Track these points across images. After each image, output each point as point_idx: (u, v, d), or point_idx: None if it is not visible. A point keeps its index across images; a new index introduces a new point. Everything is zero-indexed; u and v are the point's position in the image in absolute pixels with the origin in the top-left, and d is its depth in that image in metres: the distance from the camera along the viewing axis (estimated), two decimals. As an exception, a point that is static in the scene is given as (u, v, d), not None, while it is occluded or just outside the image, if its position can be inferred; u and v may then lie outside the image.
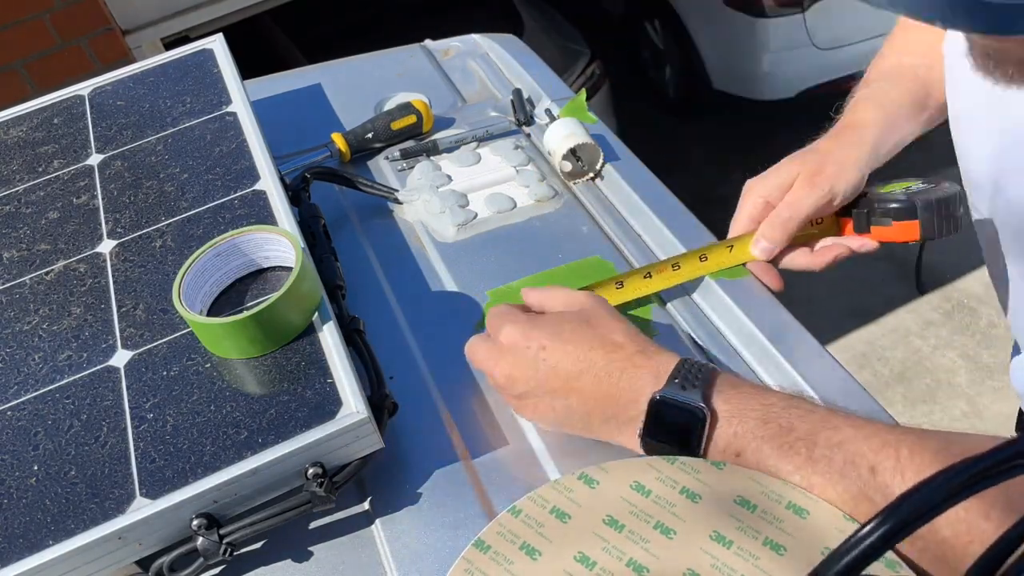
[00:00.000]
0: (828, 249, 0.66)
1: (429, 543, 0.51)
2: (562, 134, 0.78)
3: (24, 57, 1.98)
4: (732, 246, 0.65)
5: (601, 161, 0.78)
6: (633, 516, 0.45)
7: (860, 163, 0.64)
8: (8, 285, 0.63)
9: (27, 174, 0.74)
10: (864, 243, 0.65)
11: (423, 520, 0.52)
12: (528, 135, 0.85)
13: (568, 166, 0.78)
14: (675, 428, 0.47)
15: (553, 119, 0.82)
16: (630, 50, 3.56)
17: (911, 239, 0.60)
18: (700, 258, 0.64)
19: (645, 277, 0.63)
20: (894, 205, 0.62)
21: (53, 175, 0.73)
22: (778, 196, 0.65)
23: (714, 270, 0.64)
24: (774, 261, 0.66)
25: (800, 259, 0.67)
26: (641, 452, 0.49)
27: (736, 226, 0.67)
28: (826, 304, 2.44)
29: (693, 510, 0.45)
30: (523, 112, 0.86)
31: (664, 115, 3.44)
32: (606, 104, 2.65)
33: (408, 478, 0.54)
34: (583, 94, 0.86)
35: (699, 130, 3.32)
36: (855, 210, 0.65)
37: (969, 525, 0.38)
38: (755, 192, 0.66)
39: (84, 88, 0.82)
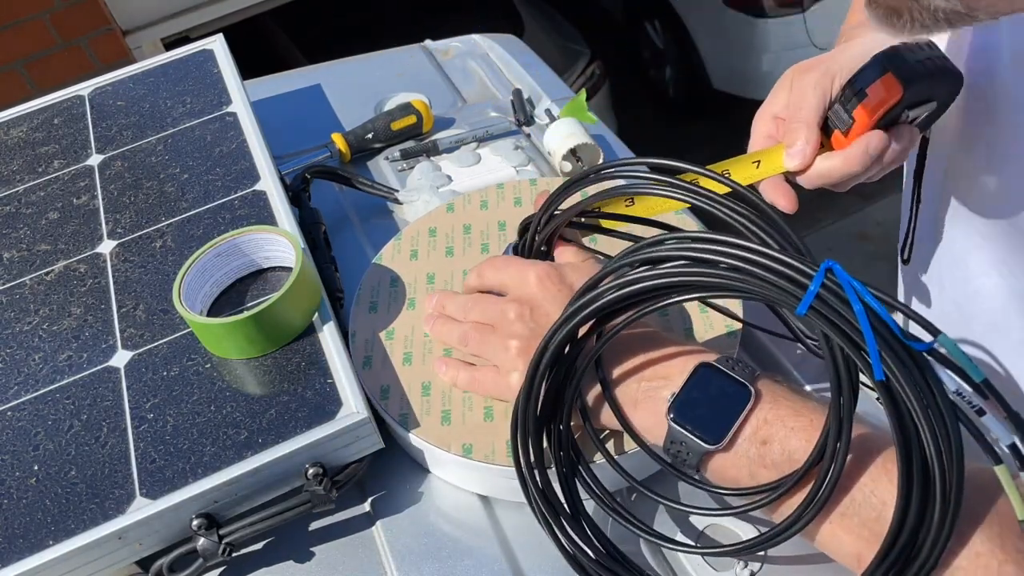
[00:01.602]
0: (854, 143, 0.56)
1: (429, 543, 0.51)
2: (562, 134, 0.78)
3: (24, 57, 1.98)
4: (759, 161, 0.57)
5: (601, 159, 0.78)
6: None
7: (849, 49, 0.59)
8: (8, 285, 0.63)
9: (27, 174, 0.74)
10: (866, 143, 0.55)
11: (423, 520, 0.52)
12: (528, 135, 0.85)
13: (568, 166, 0.78)
14: (719, 398, 0.43)
15: (553, 119, 0.82)
16: (630, 50, 3.56)
17: (894, 98, 0.52)
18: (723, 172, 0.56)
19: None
20: (857, 76, 0.54)
21: (53, 175, 0.73)
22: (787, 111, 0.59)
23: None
24: (805, 181, 0.58)
25: (833, 163, 0.57)
26: (652, 433, 0.46)
27: (754, 148, 0.60)
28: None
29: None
30: (523, 112, 0.86)
31: (664, 115, 3.44)
32: (606, 104, 2.65)
33: (408, 478, 0.54)
34: (583, 94, 0.86)
35: (699, 130, 3.32)
36: (829, 112, 0.56)
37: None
38: (765, 113, 0.61)
39: (84, 88, 0.82)
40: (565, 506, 0.45)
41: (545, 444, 0.46)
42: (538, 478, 0.45)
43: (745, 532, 0.48)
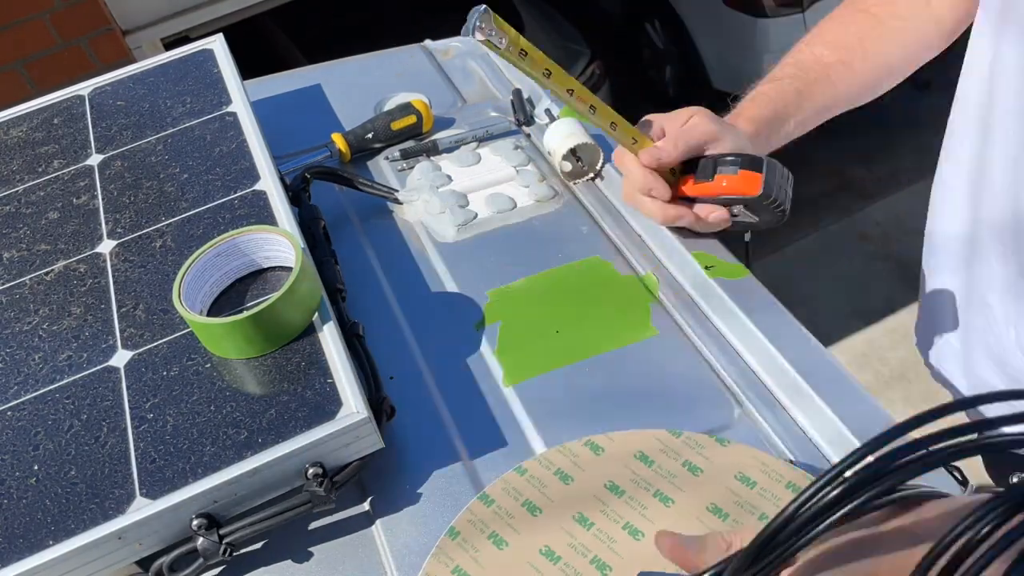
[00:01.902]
0: (674, 206, 0.67)
1: (429, 543, 0.50)
2: (562, 134, 0.78)
3: (24, 57, 1.98)
4: (636, 139, 0.66)
5: (601, 161, 0.78)
6: (633, 483, 0.46)
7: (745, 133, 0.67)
8: (8, 285, 0.63)
9: (27, 174, 0.74)
10: (710, 211, 0.66)
11: (423, 520, 0.52)
12: (528, 135, 0.85)
13: (568, 166, 0.78)
14: None
15: (553, 119, 0.82)
16: (630, 50, 3.56)
17: (751, 192, 0.62)
18: (611, 125, 0.65)
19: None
20: (743, 156, 0.64)
21: (53, 175, 0.73)
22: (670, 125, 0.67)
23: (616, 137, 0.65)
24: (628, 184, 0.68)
25: (652, 208, 0.67)
26: None
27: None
28: (826, 304, 2.44)
29: (693, 482, 0.45)
30: (523, 112, 0.86)
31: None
32: (606, 104, 2.65)
33: (408, 478, 0.54)
34: (583, 94, 0.86)
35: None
36: (702, 159, 0.65)
37: None
38: (666, 119, 0.67)
39: (84, 88, 0.82)
40: None
41: None
42: None
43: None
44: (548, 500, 0.46)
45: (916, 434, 0.31)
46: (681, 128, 0.65)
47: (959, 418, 0.33)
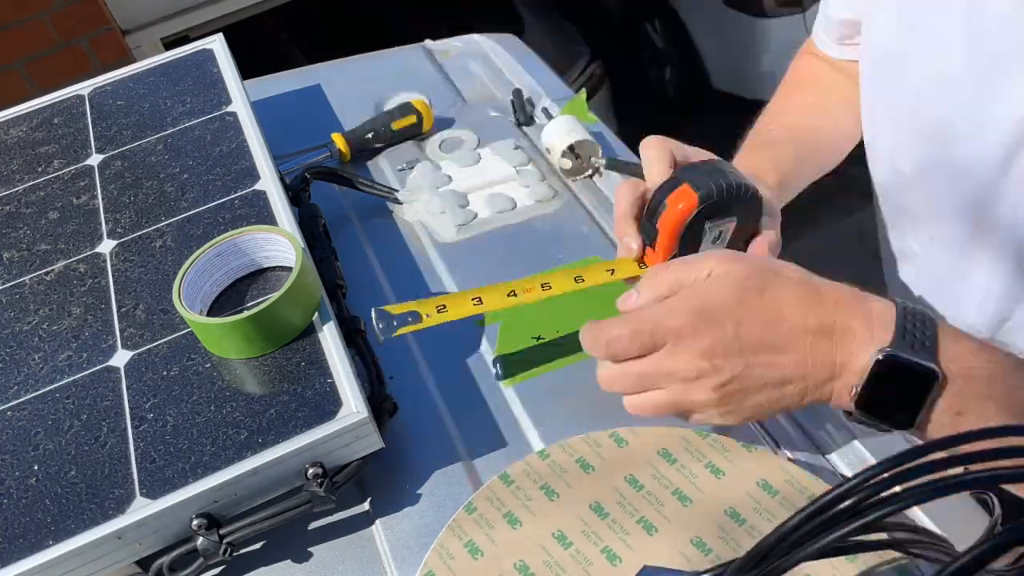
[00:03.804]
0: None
1: (429, 543, 0.50)
2: (561, 131, 0.78)
3: (24, 57, 1.98)
4: (613, 269, 0.57)
5: (600, 155, 0.78)
6: (653, 479, 0.46)
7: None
8: (8, 285, 0.63)
9: (27, 174, 0.74)
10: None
11: (423, 520, 0.52)
12: (527, 135, 0.85)
13: (567, 163, 0.78)
14: (905, 390, 0.42)
15: (551, 118, 0.82)
16: (630, 50, 3.56)
17: (691, 205, 0.54)
18: (575, 278, 0.56)
19: (508, 295, 0.55)
20: (660, 188, 0.56)
21: (53, 175, 0.73)
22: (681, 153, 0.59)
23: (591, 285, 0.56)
24: None
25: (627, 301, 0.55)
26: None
27: (652, 174, 0.58)
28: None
29: (713, 484, 0.45)
30: (523, 112, 0.86)
31: (664, 115, 3.44)
32: (606, 104, 2.65)
33: (408, 478, 0.54)
34: (583, 94, 0.86)
35: (699, 130, 3.31)
36: (643, 222, 0.58)
37: None
38: (662, 144, 0.59)
39: (84, 88, 0.82)
40: None
41: None
42: None
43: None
44: (567, 486, 0.46)
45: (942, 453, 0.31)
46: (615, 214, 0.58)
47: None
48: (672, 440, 0.48)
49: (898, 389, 0.42)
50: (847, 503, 0.31)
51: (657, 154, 0.57)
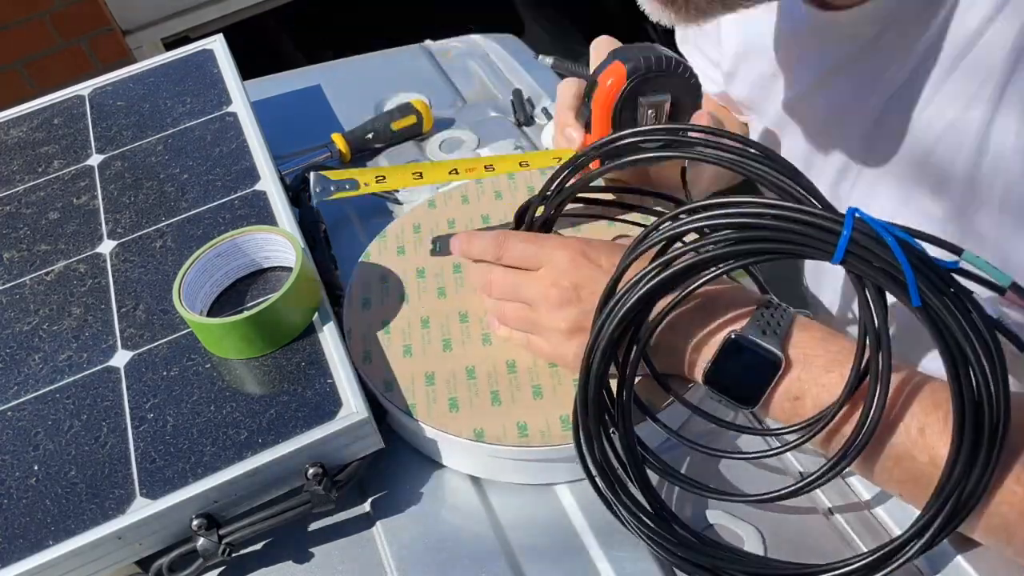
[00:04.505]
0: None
1: (429, 543, 0.51)
2: (562, 134, 0.77)
3: (24, 57, 1.98)
4: (559, 158, 0.58)
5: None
6: None
7: None
8: (8, 285, 0.63)
9: (27, 174, 0.74)
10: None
11: (423, 520, 0.52)
12: (527, 135, 0.85)
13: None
14: (748, 369, 0.46)
15: (551, 118, 0.82)
16: (630, 50, 3.55)
17: (620, 79, 0.54)
18: (520, 163, 0.60)
19: (450, 172, 0.60)
20: (596, 68, 0.57)
21: (53, 175, 0.73)
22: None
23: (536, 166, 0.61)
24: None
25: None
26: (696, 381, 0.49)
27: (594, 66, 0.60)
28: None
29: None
30: (523, 112, 0.86)
31: (664, 115, 3.44)
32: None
33: (408, 478, 0.54)
34: (583, 94, 0.86)
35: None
36: (579, 108, 0.59)
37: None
38: (608, 40, 0.61)
39: (84, 88, 0.82)
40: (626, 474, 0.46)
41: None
42: (601, 449, 0.45)
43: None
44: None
45: None
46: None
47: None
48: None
49: (743, 368, 0.46)
50: None
51: (600, 45, 0.60)
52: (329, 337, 0.54)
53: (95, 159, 0.73)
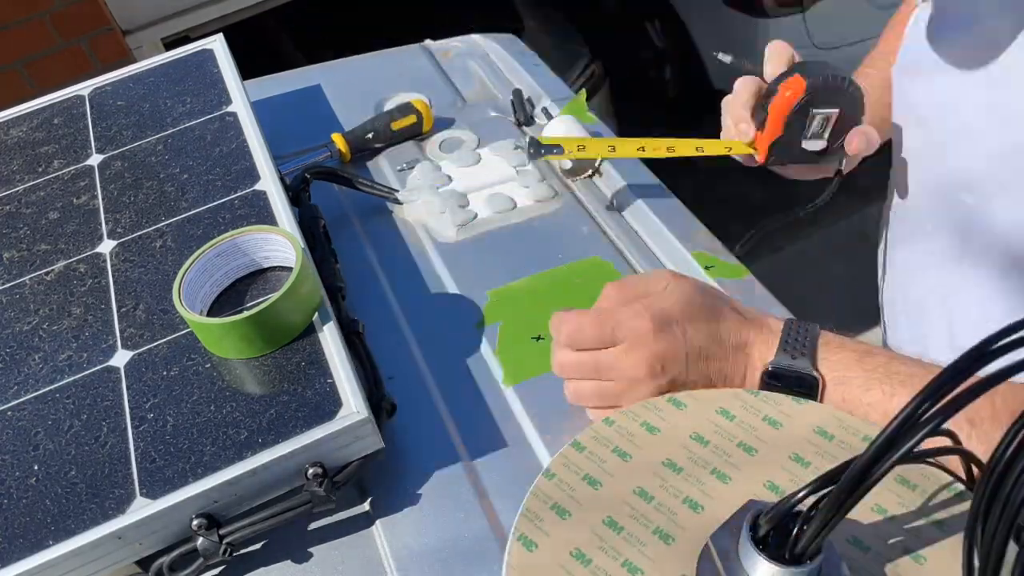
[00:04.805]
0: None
1: (429, 543, 0.51)
2: (560, 131, 0.78)
3: (24, 57, 1.98)
4: (730, 147, 0.69)
5: (599, 158, 0.78)
6: (717, 435, 0.48)
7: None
8: (8, 285, 0.63)
9: (27, 174, 0.74)
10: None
11: (423, 520, 0.52)
12: (527, 135, 0.85)
13: (567, 163, 0.78)
14: (794, 392, 0.49)
15: (551, 118, 0.82)
16: (630, 50, 3.56)
17: (799, 90, 0.63)
18: (696, 148, 0.70)
19: (639, 149, 0.70)
20: (777, 77, 0.65)
21: (53, 175, 0.73)
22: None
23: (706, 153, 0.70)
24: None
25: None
26: None
27: (768, 69, 0.68)
28: (826, 304, 2.44)
29: (773, 434, 0.48)
30: (523, 112, 0.86)
31: (664, 115, 3.44)
32: (606, 104, 2.65)
33: (408, 478, 0.54)
34: (583, 94, 0.86)
35: (699, 130, 3.31)
36: (756, 108, 0.68)
37: None
38: (783, 45, 0.68)
39: (84, 88, 0.82)
40: None
41: None
42: None
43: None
44: (637, 448, 0.49)
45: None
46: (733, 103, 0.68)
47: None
48: (727, 399, 0.51)
49: (788, 391, 0.49)
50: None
51: (776, 50, 0.67)
52: (329, 337, 0.54)
53: (95, 159, 0.73)
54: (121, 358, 0.56)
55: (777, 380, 0.49)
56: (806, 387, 0.49)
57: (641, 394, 0.51)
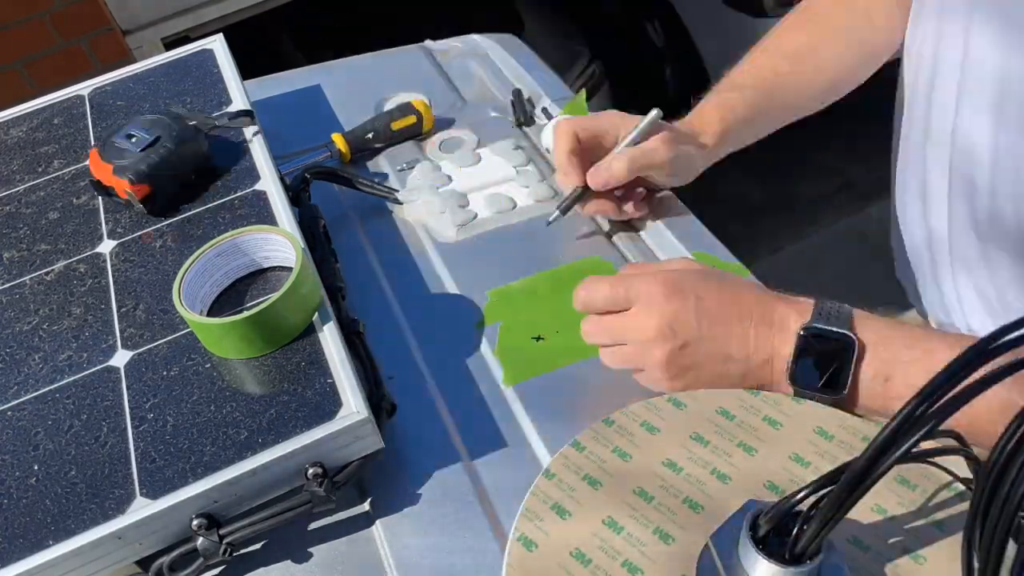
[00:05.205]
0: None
1: (429, 543, 0.51)
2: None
3: (24, 57, 1.98)
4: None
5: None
6: (717, 435, 0.48)
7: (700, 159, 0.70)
8: (8, 285, 0.63)
9: (27, 174, 0.74)
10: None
11: (423, 520, 0.52)
12: (527, 135, 0.85)
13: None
14: (827, 356, 0.49)
15: (551, 118, 0.82)
16: (630, 50, 3.56)
17: None
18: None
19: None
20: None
21: (53, 175, 0.73)
22: (586, 134, 0.68)
23: None
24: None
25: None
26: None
27: (558, 156, 0.68)
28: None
29: (774, 434, 0.48)
30: (523, 112, 0.86)
31: (664, 115, 3.44)
32: (606, 104, 2.64)
33: (408, 478, 0.54)
34: (583, 94, 0.86)
35: (699, 130, 3.30)
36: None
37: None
38: (568, 126, 0.68)
39: (84, 88, 0.82)
40: None
41: None
42: None
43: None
44: (636, 447, 0.49)
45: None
46: (642, 152, 0.66)
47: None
48: (727, 399, 0.51)
49: (822, 356, 0.49)
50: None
51: (561, 131, 0.68)
52: (329, 337, 0.54)
53: (95, 159, 0.73)
54: (121, 358, 0.56)
55: (812, 346, 0.49)
56: (843, 352, 0.48)
57: (655, 357, 0.51)
